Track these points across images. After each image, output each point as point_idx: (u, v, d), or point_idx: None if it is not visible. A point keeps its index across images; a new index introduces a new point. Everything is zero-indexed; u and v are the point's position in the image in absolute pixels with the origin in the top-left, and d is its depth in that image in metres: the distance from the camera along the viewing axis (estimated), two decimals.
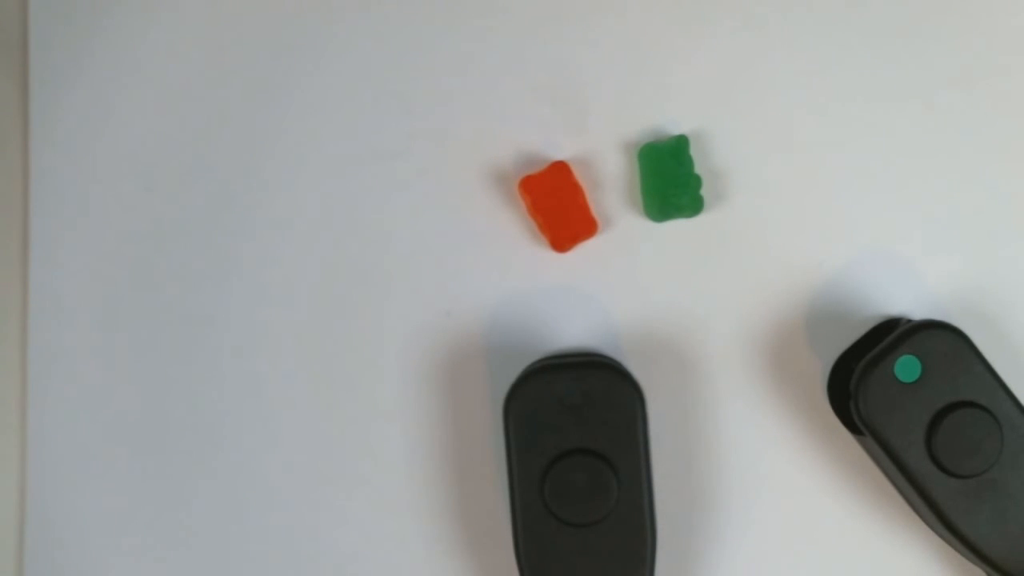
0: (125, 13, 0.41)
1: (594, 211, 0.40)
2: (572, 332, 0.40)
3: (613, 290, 0.40)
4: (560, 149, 0.40)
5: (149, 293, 0.40)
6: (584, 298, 0.40)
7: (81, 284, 0.41)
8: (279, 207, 0.41)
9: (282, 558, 0.40)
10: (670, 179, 0.39)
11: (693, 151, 0.39)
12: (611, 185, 0.40)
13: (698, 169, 0.40)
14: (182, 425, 0.40)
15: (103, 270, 0.41)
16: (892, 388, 0.36)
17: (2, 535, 0.41)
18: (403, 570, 0.40)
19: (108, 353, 0.40)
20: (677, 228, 0.40)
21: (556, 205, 0.39)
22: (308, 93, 0.41)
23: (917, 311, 0.40)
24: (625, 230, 0.40)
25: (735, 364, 0.40)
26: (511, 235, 0.40)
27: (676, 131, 0.40)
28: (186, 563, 0.40)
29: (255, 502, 0.40)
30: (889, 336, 0.37)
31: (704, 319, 0.40)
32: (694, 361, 0.40)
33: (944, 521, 0.36)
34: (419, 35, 0.41)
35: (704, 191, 0.39)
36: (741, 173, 0.40)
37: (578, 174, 0.39)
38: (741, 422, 0.40)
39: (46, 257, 0.41)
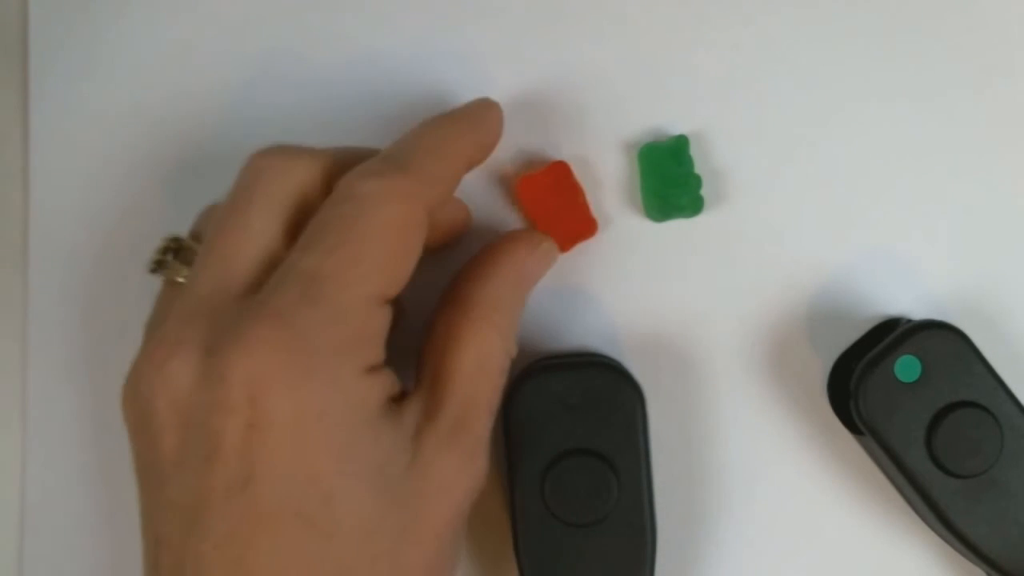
0: (126, 13, 0.41)
1: (594, 211, 0.40)
2: (572, 332, 0.40)
3: (613, 290, 0.40)
4: (560, 149, 0.40)
5: (149, 293, 0.40)
6: (584, 298, 0.40)
7: (81, 284, 0.41)
8: None
9: None
10: (670, 179, 0.39)
11: (693, 151, 0.39)
12: (611, 185, 0.40)
13: (698, 169, 0.40)
14: None
15: (103, 270, 0.41)
16: (892, 388, 0.36)
17: (2, 535, 0.41)
18: None
19: (107, 353, 0.40)
20: (677, 228, 0.40)
21: (556, 205, 0.39)
22: (308, 94, 0.41)
23: (917, 311, 0.40)
24: (625, 230, 0.40)
25: (735, 364, 0.40)
26: None
27: (676, 131, 0.40)
28: None
29: None
30: (889, 336, 0.37)
31: (704, 319, 0.40)
32: (694, 361, 0.40)
33: (944, 521, 0.36)
34: (419, 35, 0.41)
35: (704, 191, 0.39)
36: (741, 173, 0.40)
37: (578, 174, 0.39)
38: (741, 422, 0.40)
39: (46, 257, 0.41)
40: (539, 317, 0.40)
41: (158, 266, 0.35)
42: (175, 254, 0.35)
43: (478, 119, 0.36)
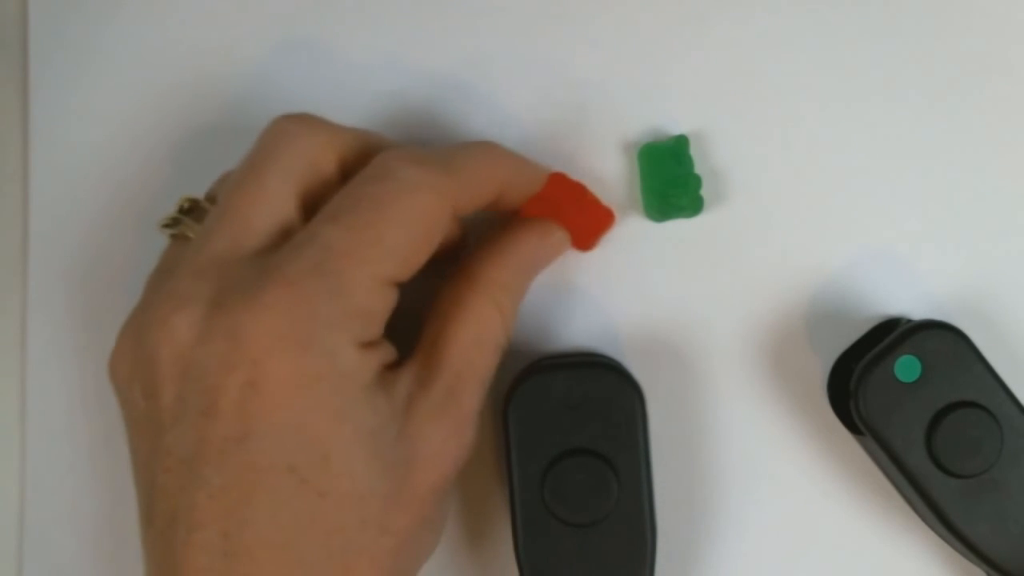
0: (125, 12, 0.41)
1: (604, 201, 0.39)
2: (572, 332, 0.40)
3: (613, 290, 0.40)
4: (560, 149, 0.40)
5: None
6: (584, 298, 0.40)
7: (81, 283, 0.41)
8: None
9: None
10: (670, 179, 0.39)
11: (693, 151, 0.39)
12: (611, 185, 0.40)
13: (698, 169, 0.40)
14: None
15: (103, 270, 0.41)
16: (892, 388, 0.36)
17: (2, 535, 0.41)
18: None
19: (107, 353, 0.40)
20: (677, 228, 0.40)
21: (566, 212, 0.38)
22: (307, 95, 0.41)
23: (917, 311, 0.40)
24: (625, 230, 0.40)
25: (735, 364, 0.40)
26: None
27: (676, 131, 0.40)
28: None
29: None
30: (889, 336, 0.37)
31: (704, 319, 0.40)
32: (694, 361, 0.40)
33: (944, 521, 0.36)
34: (418, 36, 0.41)
35: (704, 191, 0.39)
36: (741, 173, 0.40)
37: (578, 174, 0.39)
38: (741, 422, 0.40)
39: (46, 256, 0.41)
40: (539, 317, 0.40)
41: (172, 223, 0.36)
42: (189, 213, 0.36)
43: (524, 164, 0.38)
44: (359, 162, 0.35)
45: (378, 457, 0.32)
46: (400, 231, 0.33)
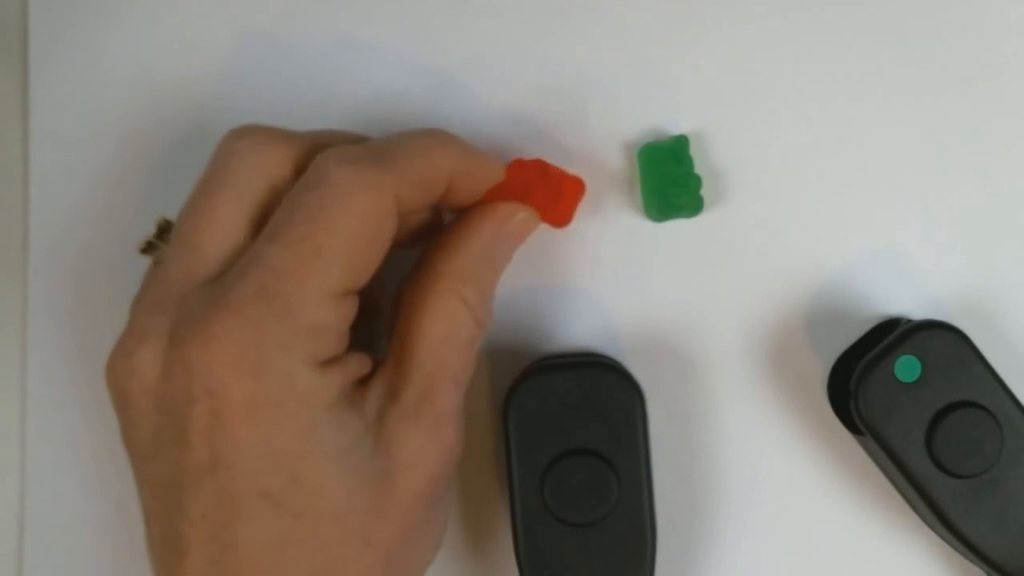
0: (125, 12, 0.41)
1: (570, 171, 0.38)
2: (572, 332, 0.40)
3: (613, 290, 0.40)
4: (560, 149, 0.40)
5: None
6: (584, 298, 0.40)
7: (81, 283, 0.41)
8: None
9: None
10: (670, 179, 0.39)
11: (693, 151, 0.39)
12: (611, 185, 0.40)
13: (698, 169, 0.39)
14: None
15: (103, 270, 0.41)
16: (892, 388, 0.36)
17: (2, 536, 0.41)
18: None
19: (108, 348, 0.40)
20: (677, 228, 0.40)
21: (534, 193, 0.37)
22: (308, 88, 0.41)
23: (917, 311, 0.40)
24: (625, 230, 0.40)
25: (735, 364, 0.40)
26: None
27: (676, 131, 0.40)
28: None
29: None
30: (889, 336, 0.37)
31: (704, 319, 0.40)
32: (694, 361, 0.40)
33: (944, 521, 0.36)
34: (417, 36, 0.41)
35: (704, 191, 0.39)
36: (741, 173, 0.40)
37: (578, 174, 0.39)
38: (741, 422, 0.40)
39: (46, 255, 0.41)
40: (539, 317, 0.40)
41: (148, 247, 0.36)
42: (165, 233, 0.36)
43: (474, 153, 0.36)
44: None
45: (353, 473, 0.32)
46: (339, 239, 0.32)
